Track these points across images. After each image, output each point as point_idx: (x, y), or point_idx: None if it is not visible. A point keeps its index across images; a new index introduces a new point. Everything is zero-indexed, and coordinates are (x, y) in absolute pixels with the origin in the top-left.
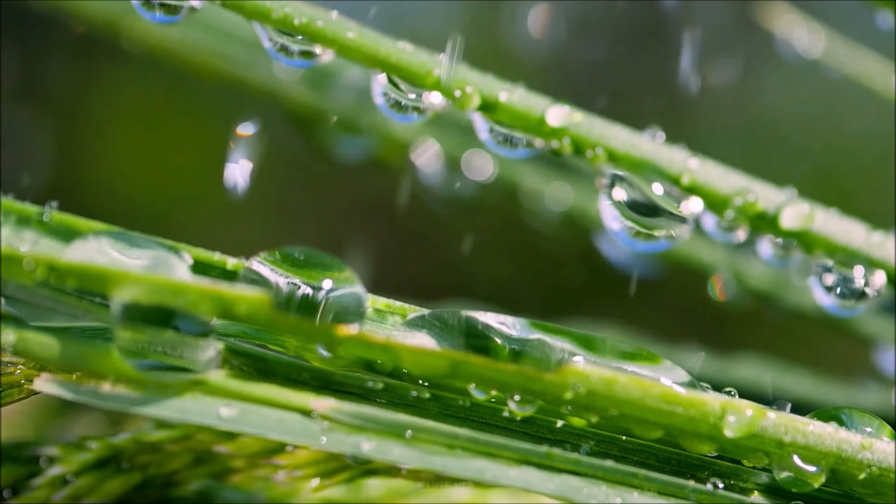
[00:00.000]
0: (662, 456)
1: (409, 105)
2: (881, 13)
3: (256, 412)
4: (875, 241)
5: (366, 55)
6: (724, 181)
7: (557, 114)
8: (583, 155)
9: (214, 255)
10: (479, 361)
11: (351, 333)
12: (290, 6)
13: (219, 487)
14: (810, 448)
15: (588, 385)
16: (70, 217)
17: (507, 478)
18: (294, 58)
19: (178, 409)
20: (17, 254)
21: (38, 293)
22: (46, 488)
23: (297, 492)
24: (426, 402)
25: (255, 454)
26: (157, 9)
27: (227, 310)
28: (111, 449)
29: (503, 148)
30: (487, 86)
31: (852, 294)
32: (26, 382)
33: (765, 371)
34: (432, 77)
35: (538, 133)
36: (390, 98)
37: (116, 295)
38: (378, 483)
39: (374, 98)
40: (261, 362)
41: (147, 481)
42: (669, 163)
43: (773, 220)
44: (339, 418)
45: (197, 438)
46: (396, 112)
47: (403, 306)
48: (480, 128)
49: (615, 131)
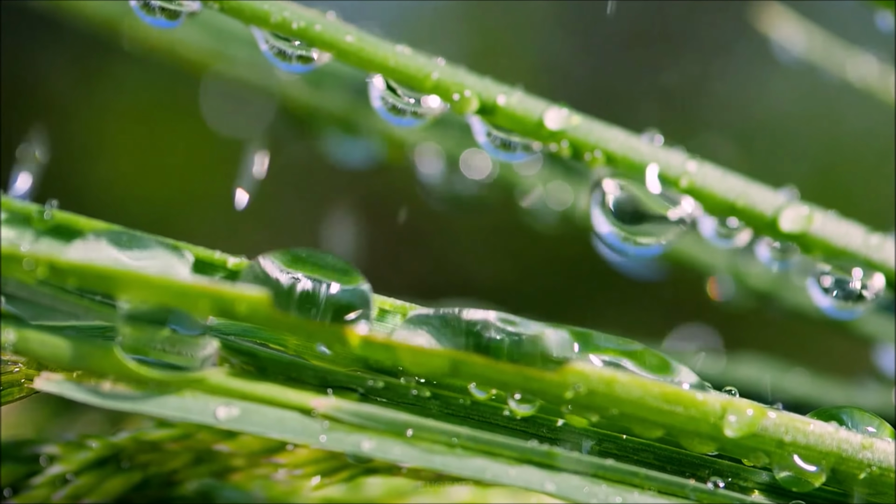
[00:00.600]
0: (663, 455)
1: (407, 109)
2: (881, 14)
3: (257, 411)
4: (873, 242)
5: (363, 59)
6: (722, 183)
7: (555, 117)
8: (581, 158)
9: (215, 254)
10: (480, 360)
11: (353, 333)
12: (288, 9)
13: (219, 486)
14: (811, 448)
15: (588, 384)
16: (70, 216)
17: (508, 477)
18: (292, 62)
19: (179, 408)
20: (18, 253)
21: (38, 292)
22: (46, 487)
23: (297, 490)
24: (427, 401)
25: (255, 453)
26: (157, 13)
27: (228, 309)
28: (111, 448)
29: (501, 152)
30: (485, 89)
31: (849, 297)
32: (26, 381)
33: (765, 371)
34: (430, 81)
35: (536, 136)
36: (387, 102)
37: (117, 294)
38: (378, 482)
39: (371, 102)
40: (261, 361)
41: (147, 480)
42: (667, 165)
43: (772, 222)
44: (340, 417)
45: (197, 437)
46: (394, 115)
47: (404, 305)
48: (478, 131)
49: (613, 134)
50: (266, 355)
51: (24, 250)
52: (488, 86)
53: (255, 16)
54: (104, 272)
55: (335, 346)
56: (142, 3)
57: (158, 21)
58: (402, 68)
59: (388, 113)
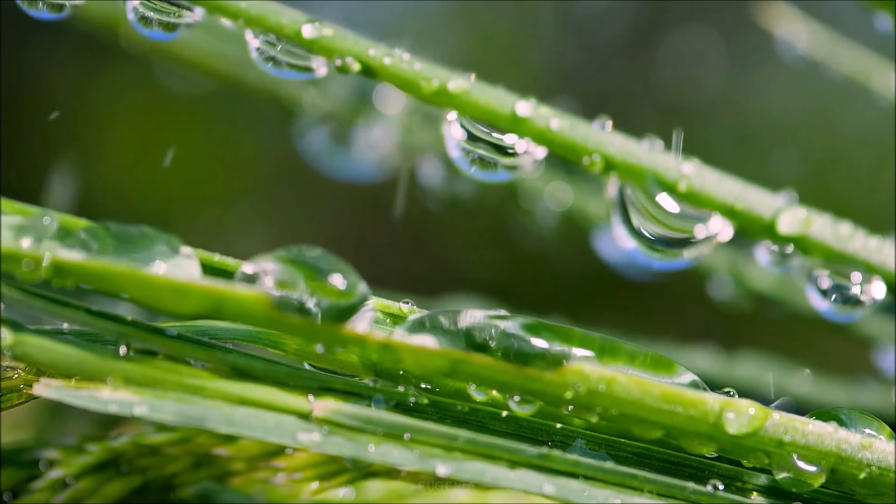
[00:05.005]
0: (662, 457)
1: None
2: (880, 15)
3: (256, 415)
4: (872, 245)
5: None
6: (720, 187)
7: (558, 124)
8: (579, 163)
9: (214, 257)
10: (479, 361)
11: (352, 333)
12: (285, 14)
13: (218, 490)
14: (810, 448)
15: (588, 385)
16: (70, 216)
17: (507, 479)
18: (283, 68)
19: (178, 413)
20: (18, 252)
21: (34, 305)
22: (46, 491)
23: (296, 494)
24: (425, 408)
25: (254, 457)
26: (154, 25)
27: (228, 310)
28: (111, 452)
29: (481, 171)
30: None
31: (847, 301)
32: (25, 387)
33: (765, 371)
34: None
35: (542, 142)
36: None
37: (117, 293)
38: (378, 485)
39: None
40: (260, 364)
41: (147, 484)
42: (666, 169)
43: (771, 225)
44: (339, 420)
45: (196, 441)
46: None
47: (402, 307)
48: (452, 145)
49: (611, 138)
50: (265, 358)
51: (24, 250)
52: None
53: (251, 19)
54: (104, 271)
55: (334, 347)
56: (139, 17)
57: (156, 34)
58: (400, 72)
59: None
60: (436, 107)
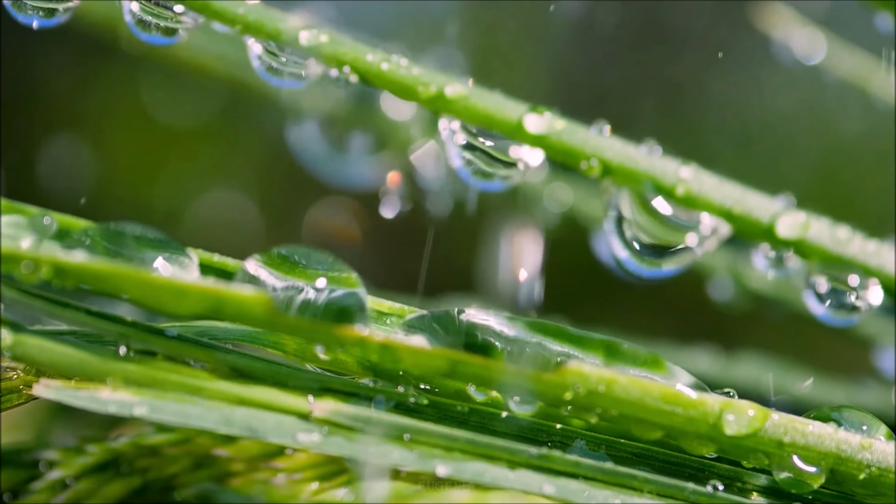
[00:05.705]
0: (662, 458)
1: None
2: (880, 15)
3: (255, 415)
4: (871, 248)
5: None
6: (719, 191)
7: (545, 125)
8: (577, 167)
9: (214, 257)
10: (479, 361)
11: (351, 333)
12: (288, 20)
13: (218, 491)
14: (810, 448)
15: (587, 385)
16: (70, 217)
17: (507, 480)
18: (283, 77)
19: (178, 413)
20: (18, 252)
21: (33, 306)
22: (46, 492)
23: (296, 495)
24: (425, 407)
25: (254, 457)
26: (153, 30)
27: (227, 310)
28: (111, 453)
29: (479, 180)
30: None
31: (844, 307)
32: (25, 387)
33: (765, 371)
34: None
35: (538, 146)
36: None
37: (117, 294)
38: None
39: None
40: (259, 365)
41: (147, 485)
42: (664, 173)
43: (769, 229)
44: (339, 421)
45: (196, 442)
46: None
47: (402, 307)
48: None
49: (609, 142)
50: (265, 359)
51: (23, 251)
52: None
53: (251, 27)
54: (104, 272)
55: (334, 347)
56: (136, 20)
57: (154, 38)
58: (395, 77)
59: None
60: (433, 112)
